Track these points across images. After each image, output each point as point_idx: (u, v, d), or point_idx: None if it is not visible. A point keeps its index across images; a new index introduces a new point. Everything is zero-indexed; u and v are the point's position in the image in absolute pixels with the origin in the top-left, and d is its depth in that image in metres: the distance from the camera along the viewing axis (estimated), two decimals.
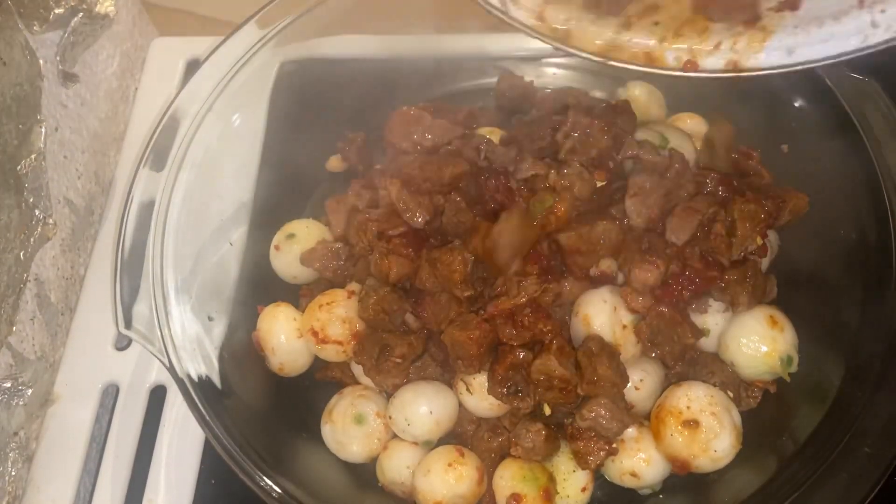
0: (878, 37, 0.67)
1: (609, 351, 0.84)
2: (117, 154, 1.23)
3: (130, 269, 0.89)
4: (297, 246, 0.99)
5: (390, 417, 0.88)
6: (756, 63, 0.73)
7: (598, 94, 1.12)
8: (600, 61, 0.75)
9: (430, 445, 0.89)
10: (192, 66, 1.27)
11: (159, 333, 0.86)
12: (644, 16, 0.74)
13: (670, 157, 0.92)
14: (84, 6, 1.07)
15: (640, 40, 0.75)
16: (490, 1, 0.73)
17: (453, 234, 0.93)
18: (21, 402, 0.96)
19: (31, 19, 0.98)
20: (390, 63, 1.13)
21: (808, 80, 0.94)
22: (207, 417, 0.82)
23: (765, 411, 0.90)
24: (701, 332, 0.88)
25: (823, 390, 0.85)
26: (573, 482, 0.87)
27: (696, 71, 0.74)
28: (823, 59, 0.70)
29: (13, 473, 0.96)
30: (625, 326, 0.87)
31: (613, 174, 0.94)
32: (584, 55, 0.75)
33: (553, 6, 0.73)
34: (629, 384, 0.87)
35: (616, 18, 0.74)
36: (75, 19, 1.06)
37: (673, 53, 0.75)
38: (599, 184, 0.94)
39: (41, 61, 0.98)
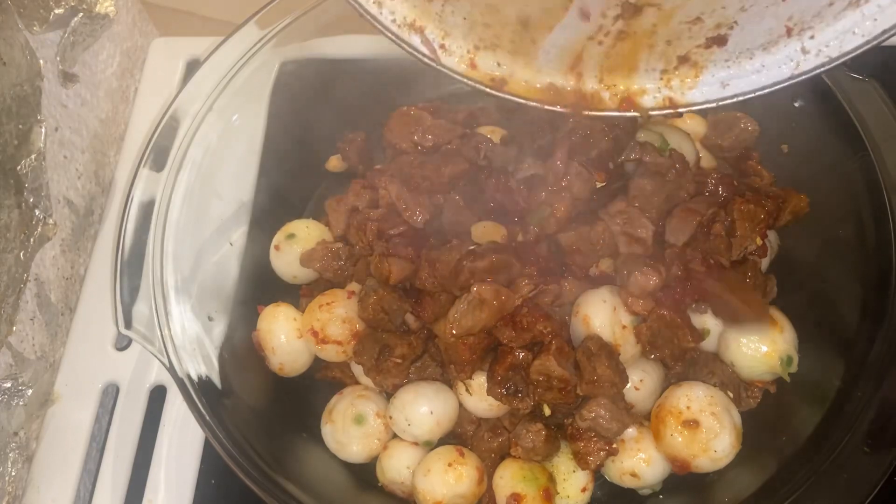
0: (809, 63, 0.67)
1: (608, 351, 0.84)
2: (117, 154, 1.23)
3: (130, 269, 0.89)
4: (297, 246, 0.99)
5: (391, 417, 0.88)
6: (691, 98, 0.73)
7: None
8: (538, 106, 0.74)
9: (430, 445, 0.89)
10: (192, 66, 1.27)
11: (159, 333, 0.86)
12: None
13: (672, 159, 0.92)
14: (84, 6, 1.07)
15: (578, 82, 0.74)
16: (419, 49, 0.72)
17: (453, 233, 0.93)
18: (21, 402, 0.96)
19: (31, 19, 0.98)
20: (390, 63, 1.12)
21: (809, 80, 0.94)
22: (207, 417, 0.82)
23: (765, 411, 0.90)
24: (701, 336, 0.88)
25: (823, 390, 0.85)
26: (573, 482, 0.87)
27: (633, 110, 0.74)
28: (758, 90, 0.70)
29: (13, 473, 0.96)
30: (624, 327, 0.87)
31: (613, 175, 0.94)
32: (524, 101, 0.74)
33: (483, 52, 0.72)
34: (629, 384, 0.87)
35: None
36: (75, 19, 1.06)
37: (608, 93, 0.75)
38: (599, 185, 0.94)
39: (41, 61, 0.98)
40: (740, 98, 0.71)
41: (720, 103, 0.72)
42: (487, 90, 0.73)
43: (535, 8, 0.68)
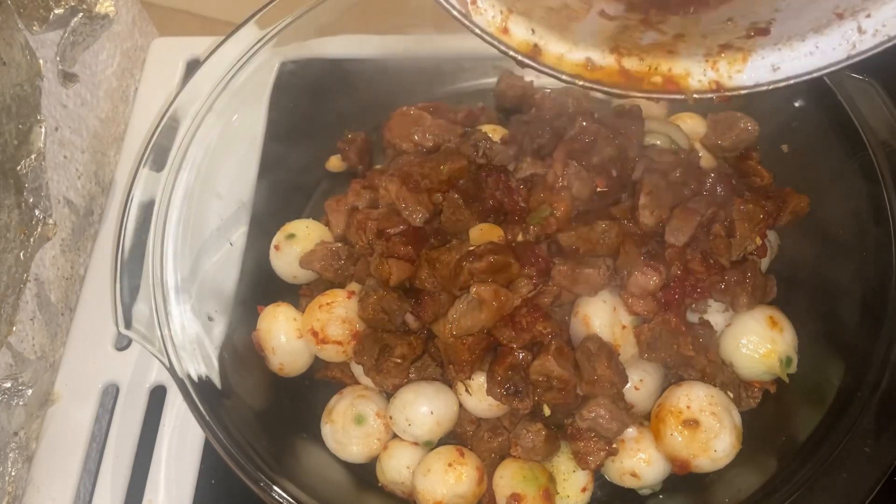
0: (867, 43, 0.63)
1: (608, 350, 0.84)
2: (117, 154, 1.23)
3: (130, 269, 0.89)
4: (297, 246, 0.99)
5: (391, 417, 0.88)
6: (739, 82, 0.68)
7: (597, 94, 1.12)
8: (570, 82, 0.70)
9: (430, 445, 0.89)
10: (192, 66, 1.27)
11: (159, 333, 0.86)
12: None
13: (679, 157, 0.92)
14: (84, 6, 1.07)
15: (618, 60, 0.70)
16: (451, 1, 0.66)
17: (452, 232, 0.93)
18: (21, 402, 0.96)
19: (31, 19, 0.98)
20: (390, 63, 1.13)
21: (808, 80, 0.94)
22: (207, 417, 0.82)
23: (765, 411, 0.90)
24: (704, 347, 0.87)
25: (823, 390, 0.85)
26: (573, 482, 0.87)
27: (677, 92, 0.70)
28: (813, 72, 0.66)
29: (13, 473, 0.96)
30: (624, 327, 0.87)
31: (616, 181, 0.94)
32: (555, 74, 0.70)
33: (515, 17, 0.68)
34: (629, 384, 0.87)
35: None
36: (75, 19, 1.06)
37: (651, 72, 0.70)
38: (599, 190, 0.94)
39: (41, 61, 0.98)
40: (793, 81, 0.66)
41: (772, 87, 0.67)
42: (520, 58, 0.69)
43: (557, 3, 0.66)
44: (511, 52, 0.69)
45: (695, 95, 0.70)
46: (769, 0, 0.64)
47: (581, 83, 0.70)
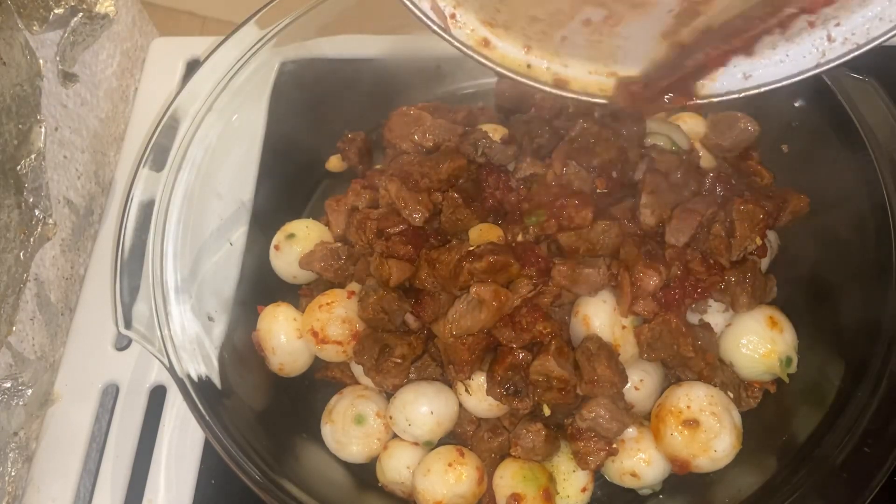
0: (836, 51, 0.65)
1: (608, 350, 0.84)
2: (117, 154, 1.23)
3: (130, 269, 0.89)
4: (297, 246, 1.00)
5: (391, 417, 0.88)
6: (711, 90, 0.70)
7: None
8: (551, 91, 0.72)
9: (430, 445, 0.89)
10: (192, 66, 1.27)
11: (159, 333, 0.86)
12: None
13: (680, 157, 0.92)
14: (84, 6, 1.07)
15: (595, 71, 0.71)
16: (429, 15, 0.68)
17: (452, 232, 0.93)
18: (21, 402, 0.96)
19: (31, 19, 0.98)
20: (390, 63, 1.13)
21: (808, 79, 0.94)
22: (207, 417, 0.82)
23: (765, 411, 0.90)
24: (703, 350, 0.87)
25: (823, 390, 0.85)
26: (573, 482, 0.87)
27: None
28: (783, 80, 0.68)
29: (13, 473, 0.96)
30: (624, 327, 0.87)
31: (616, 183, 0.94)
32: (535, 85, 0.71)
33: (496, 30, 0.69)
34: (629, 384, 0.87)
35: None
36: (75, 19, 1.06)
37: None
38: (600, 191, 0.94)
39: (41, 61, 0.98)
40: (764, 89, 0.69)
41: (743, 94, 0.70)
42: (498, 69, 0.71)
43: (542, 12, 0.67)
44: (490, 64, 0.70)
45: (667, 103, 0.71)
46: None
47: (558, 92, 0.72)
